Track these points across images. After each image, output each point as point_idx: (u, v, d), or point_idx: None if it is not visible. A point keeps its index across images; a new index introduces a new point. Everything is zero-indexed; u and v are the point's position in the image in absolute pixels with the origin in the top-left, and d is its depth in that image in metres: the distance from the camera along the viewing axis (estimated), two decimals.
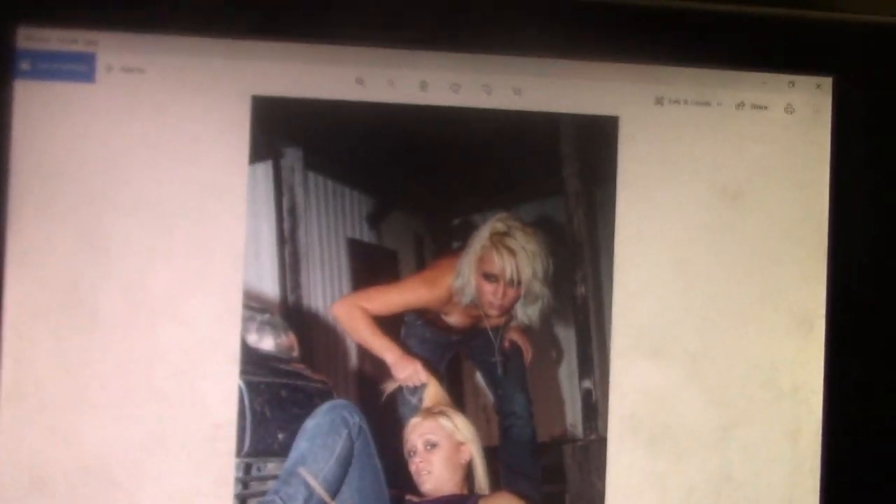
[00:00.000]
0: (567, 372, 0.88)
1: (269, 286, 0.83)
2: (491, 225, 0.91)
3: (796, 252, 0.87)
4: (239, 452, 0.83)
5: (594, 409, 0.85)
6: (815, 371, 0.85)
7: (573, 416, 0.87)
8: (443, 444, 0.92)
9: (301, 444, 0.84)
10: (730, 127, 0.86)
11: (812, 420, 0.85)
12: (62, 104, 0.81)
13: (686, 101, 0.85)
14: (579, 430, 0.87)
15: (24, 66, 0.81)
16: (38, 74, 0.81)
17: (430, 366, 0.94)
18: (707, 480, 0.84)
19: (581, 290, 0.87)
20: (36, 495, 0.80)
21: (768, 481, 0.84)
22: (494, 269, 0.92)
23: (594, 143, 0.86)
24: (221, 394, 0.83)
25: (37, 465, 0.80)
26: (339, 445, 0.83)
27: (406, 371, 0.93)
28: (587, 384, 0.87)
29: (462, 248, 0.93)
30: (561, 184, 0.88)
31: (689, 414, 0.85)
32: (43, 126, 0.81)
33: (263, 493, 0.83)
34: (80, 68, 0.81)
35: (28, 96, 0.81)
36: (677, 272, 0.85)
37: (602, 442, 0.85)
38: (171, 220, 0.83)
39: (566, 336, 0.89)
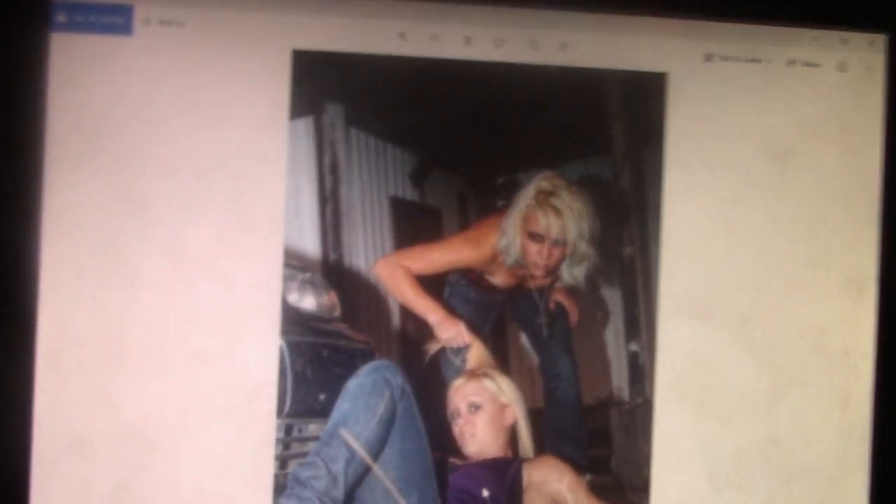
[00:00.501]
0: (613, 334, 0.88)
1: (310, 245, 0.82)
2: (536, 184, 0.90)
3: (847, 213, 0.87)
4: (280, 413, 0.82)
5: (641, 372, 0.85)
6: (865, 335, 0.85)
7: (619, 378, 0.87)
8: (487, 406, 0.91)
9: (343, 405, 0.84)
10: (780, 85, 0.84)
11: (862, 385, 0.84)
12: (99, 57, 0.81)
13: (736, 58, 0.84)
14: (625, 393, 0.86)
15: (61, 18, 0.80)
16: (74, 27, 0.80)
17: (474, 327, 0.93)
18: (755, 445, 0.83)
19: (628, 250, 0.87)
20: (74, 457, 0.80)
21: (818, 447, 0.84)
22: (539, 229, 0.92)
23: (642, 101, 0.86)
24: (262, 354, 0.83)
25: (75, 427, 0.80)
26: (382, 407, 0.83)
27: (450, 332, 0.92)
28: (634, 346, 0.88)
29: (506, 207, 0.92)
30: (608, 142, 0.88)
31: (737, 377, 0.84)
32: (79, 80, 0.81)
33: (304, 455, 0.83)
34: (117, 21, 0.80)
35: (64, 49, 0.81)
36: (726, 233, 0.84)
37: (648, 405, 0.85)
38: (210, 177, 0.83)
39: (612, 297, 0.89)
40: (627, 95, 0.83)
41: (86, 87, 0.80)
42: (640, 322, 0.85)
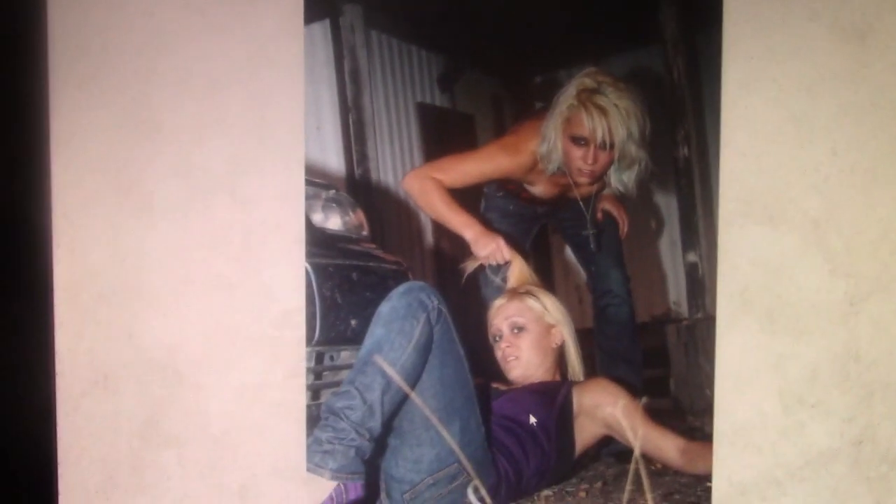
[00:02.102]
0: (669, 244, 0.86)
1: (334, 159, 0.81)
2: (578, 81, 0.87)
3: None
4: (309, 341, 0.83)
5: (701, 285, 0.83)
6: None
7: (677, 292, 0.85)
8: (531, 326, 0.90)
9: (376, 331, 0.82)
10: None
11: None
12: None
13: None
14: (684, 309, 0.84)
15: None
16: None
17: (515, 242, 0.92)
18: (832, 360, 0.82)
19: (683, 151, 0.86)
20: (99, 393, 0.85)
21: None
22: (584, 132, 0.88)
23: None
24: (288, 278, 0.82)
25: (98, 360, 0.85)
26: (417, 331, 0.82)
27: (488, 248, 0.90)
28: (692, 257, 0.87)
29: (546, 109, 0.89)
30: (658, 30, 0.84)
31: (810, 287, 0.81)
32: None
33: (338, 384, 0.84)
34: None
35: None
36: (794, 127, 0.81)
37: (710, 321, 0.82)
38: (224, 91, 0.83)
39: (667, 204, 0.87)
40: None
41: (89, 3, 0.76)
42: (699, 230, 0.82)
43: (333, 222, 0.84)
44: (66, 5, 0.80)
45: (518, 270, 0.91)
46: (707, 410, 0.82)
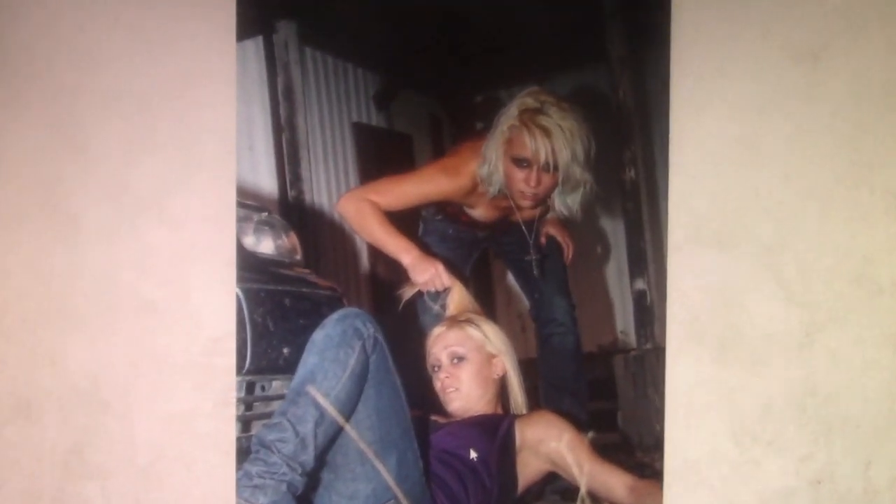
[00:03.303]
0: (616, 270, 0.92)
1: (266, 180, 0.83)
2: (520, 101, 0.87)
3: (892, 120, 0.79)
4: (240, 370, 0.82)
5: (649, 313, 0.85)
6: None
7: (624, 321, 0.87)
8: (471, 356, 0.89)
9: (309, 360, 0.80)
10: None
11: None
12: None
13: None
14: (632, 338, 0.87)
15: None
16: None
17: (454, 267, 0.92)
18: (788, 394, 0.80)
19: (630, 173, 0.86)
20: (21, 420, 0.88)
21: (863, 394, 0.80)
22: (526, 153, 0.88)
23: None
24: (218, 304, 0.82)
25: (21, 387, 0.83)
26: (353, 360, 0.80)
27: (426, 274, 0.89)
28: (640, 284, 0.86)
29: (487, 129, 0.89)
30: (603, 48, 0.84)
31: (763, 316, 0.80)
32: (6, 10, 0.79)
33: (269, 415, 0.82)
34: None
35: None
36: (746, 149, 0.80)
37: (659, 351, 0.81)
38: (153, 110, 0.83)
39: (614, 228, 0.89)
40: None
41: (13, 18, 0.81)
42: (647, 256, 0.85)
43: (266, 246, 0.85)
44: None
45: (458, 297, 0.91)
46: (657, 446, 0.83)
